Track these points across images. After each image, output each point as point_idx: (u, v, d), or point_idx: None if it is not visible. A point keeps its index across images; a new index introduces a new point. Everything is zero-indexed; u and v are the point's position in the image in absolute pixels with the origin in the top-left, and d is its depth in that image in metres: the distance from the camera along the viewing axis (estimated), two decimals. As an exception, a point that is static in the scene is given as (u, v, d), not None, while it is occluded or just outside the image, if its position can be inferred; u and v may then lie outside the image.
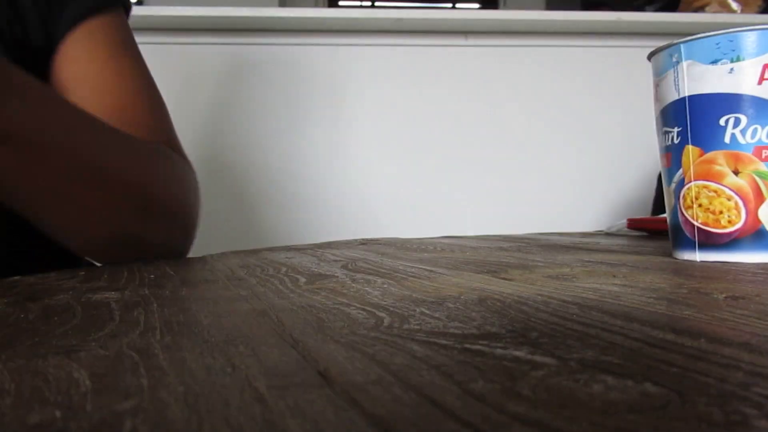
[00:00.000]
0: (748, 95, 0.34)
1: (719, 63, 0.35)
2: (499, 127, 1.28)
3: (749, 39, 0.34)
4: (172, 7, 1.14)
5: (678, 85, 0.37)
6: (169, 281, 0.33)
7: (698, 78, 0.36)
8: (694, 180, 0.36)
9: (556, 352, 0.15)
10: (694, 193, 0.36)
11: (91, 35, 0.56)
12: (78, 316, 0.23)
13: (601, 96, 1.31)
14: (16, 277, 0.38)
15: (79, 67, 0.54)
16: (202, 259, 0.46)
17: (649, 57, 0.39)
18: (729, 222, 0.35)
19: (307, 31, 1.28)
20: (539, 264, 0.36)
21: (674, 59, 0.37)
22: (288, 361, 0.16)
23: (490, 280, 0.29)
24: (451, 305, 0.23)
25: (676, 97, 0.37)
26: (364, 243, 0.61)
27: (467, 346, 0.16)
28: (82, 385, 0.14)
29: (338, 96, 1.28)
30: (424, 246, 0.54)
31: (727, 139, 0.35)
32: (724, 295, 0.24)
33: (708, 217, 0.36)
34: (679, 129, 0.37)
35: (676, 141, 0.37)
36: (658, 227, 0.65)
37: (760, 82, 0.34)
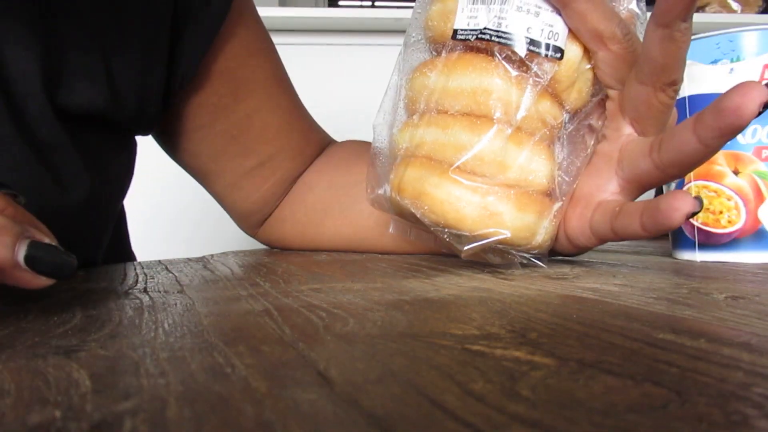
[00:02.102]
0: (748, 95, 0.34)
1: (719, 63, 0.35)
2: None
3: (749, 39, 0.34)
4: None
5: (678, 85, 0.37)
6: (169, 281, 0.33)
7: (698, 78, 0.36)
8: (694, 180, 0.36)
9: (556, 353, 0.15)
10: (694, 193, 0.36)
11: (234, 38, 0.45)
12: (78, 316, 0.23)
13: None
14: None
15: (232, 86, 0.46)
16: (202, 259, 0.46)
17: (649, 57, 0.39)
18: (729, 222, 0.35)
19: (307, 31, 1.28)
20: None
21: (674, 59, 0.37)
22: (288, 361, 0.16)
23: (490, 280, 0.29)
24: (451, 305, 0.23)
25: (676, 97, 0.37)
26: (364, 243, 0.61)
27: (467, 346, 0.16)
28: (82, 385, 0.14)
29: (338, 96, 1.28)
30: (424, 246, 0.54)
31: (727, 139, 0.35)
32: (724, 295, 0.24)
33: (708, 217, 0.36)
34: (679, 129, 0.37)
35: (676, 141, 0.37)
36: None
37: (760, 83, 0.34)
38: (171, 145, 0.49)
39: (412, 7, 0.35)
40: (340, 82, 1.29)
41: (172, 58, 0.42)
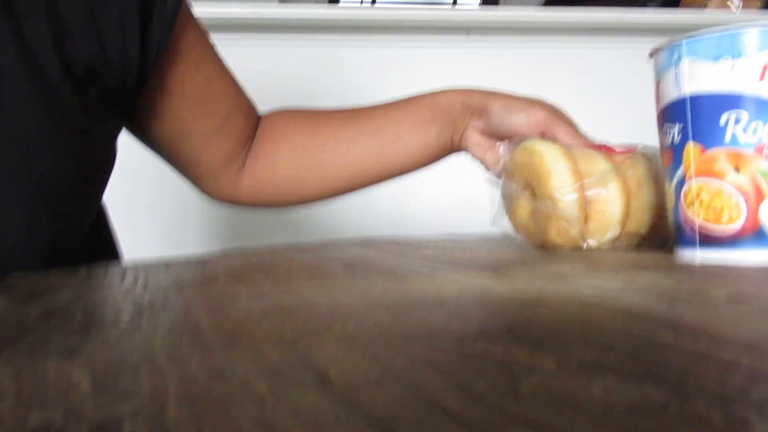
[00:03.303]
0: (749, 93, 0.34)
1: (720, 60, 0.35)
2: (500, 126, 1.28)
3: (750, 36, 0.34)
4: (172, 7, 1.14)
5: (679, 82, 0.37)
6: (169, 281, 0.33)
7: (699, 76, 0.36)
8: (695, 178, 0.36)
9: (557, 353, 0.15)
10: (695, 191, 0.36)
11: (188, 21, 0.55)
12: (78, 317, 0.23)
13: (602, 94, 1.31)
14: (16, 277, 0.38)
15: (193, 57, 0.55)
16: (202, 259, 0.46)
17: (650, 55, 0.39)
18: (729, 220, 0.35)
19: (308, 28, 1.28)
20: (540, 263, 0.36)
21: (675, 57, 0.37)
22: (288, 361, 0.16)
23: (491, 280, 0.29)
24: (451, 305, 0.23)
25: (677, 95, 0.37)
26: (365, 242, 0.61)
27: (467, 346, 0.16)
28: (81, 386, 0.14)
29: (338, 95, 1.28)
30: (424, 245, 0.54)
31: (728, 137, 0.35)
32: (724, 296, 0.24)
33: (709, 215, 0.36)
34: (680, 127, 0.37)
35: (676, 139, 0.37)
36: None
37: (761, 80, 0.34)
38: (143, 116, 0.55)
39: (412, 7, 0.35)
40: (340, 82, 1.29)
41: (144, 34, 0.49)
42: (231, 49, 1.32)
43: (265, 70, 1.26)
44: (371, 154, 0.60)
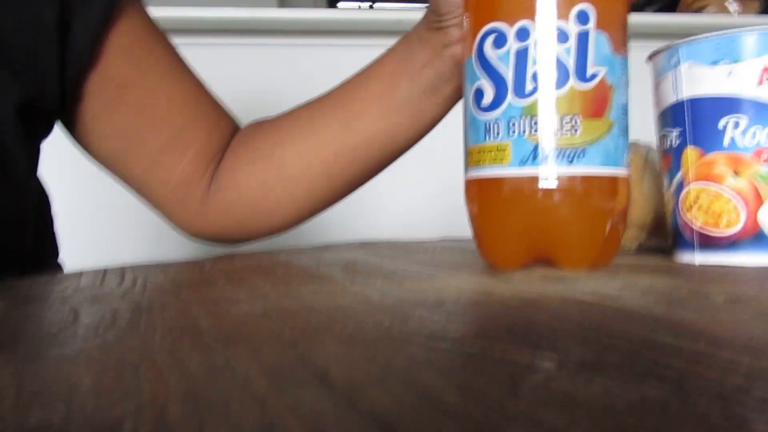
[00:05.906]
0: (748, 97, 0.34)
1: (719, 64, 0.35)
2: (499, 129, 1.28)
3: (749, 40, 0.35)
4: (171, 8, 1.14)
5: (677, 86, 0.37)
6: (168, 282, 0.33)
7: (698, 79, 0.36)
8: (694, 182, 0.36)
9: (556, 354, 0.15)
10: (693, 195, 0.36)
11: (127, 28, 0.48)
12: (78, 318, 0.23)
13: (601, 97, 1.31)
14: (16, 278, 0.38)
15: (132, 61, 0.48)
16: (201, 261, 0.46)
17: (649, 58, 0.40)
18: (728, 224, 0.35)
19: (307, 31, 1.28)
20: (538, 266, 0.36)
21: (673, 61, 0.37)
22: (288, 361, 0.16)
23: (490, 282, 0.29)
24: (450, 307, 0.23)
25: (675, 98, 0.37)
26: (364, 245, 0.61)
27: (467, 346, 0.16)
28: (81, 386, 0.14)
29: (338, 97, 1.28)
30: (423, 248, 0.54)
31: (726, 141, 0.35)
32: (723, 298, 0.24)
33: (707, 219, 0.36)
34: (679, 131, 0.37)
35: (675, 143, 0.37)
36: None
37: (759, 84, 0.34)
38: (84, 133, 0.50)
39: (411, 9, 0.35)
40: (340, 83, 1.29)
41: (65, 40, 0.44)
42: (232, 51, 1.32)
43: (266, 70, 1.26)
44: (336, 135, 0.49)
